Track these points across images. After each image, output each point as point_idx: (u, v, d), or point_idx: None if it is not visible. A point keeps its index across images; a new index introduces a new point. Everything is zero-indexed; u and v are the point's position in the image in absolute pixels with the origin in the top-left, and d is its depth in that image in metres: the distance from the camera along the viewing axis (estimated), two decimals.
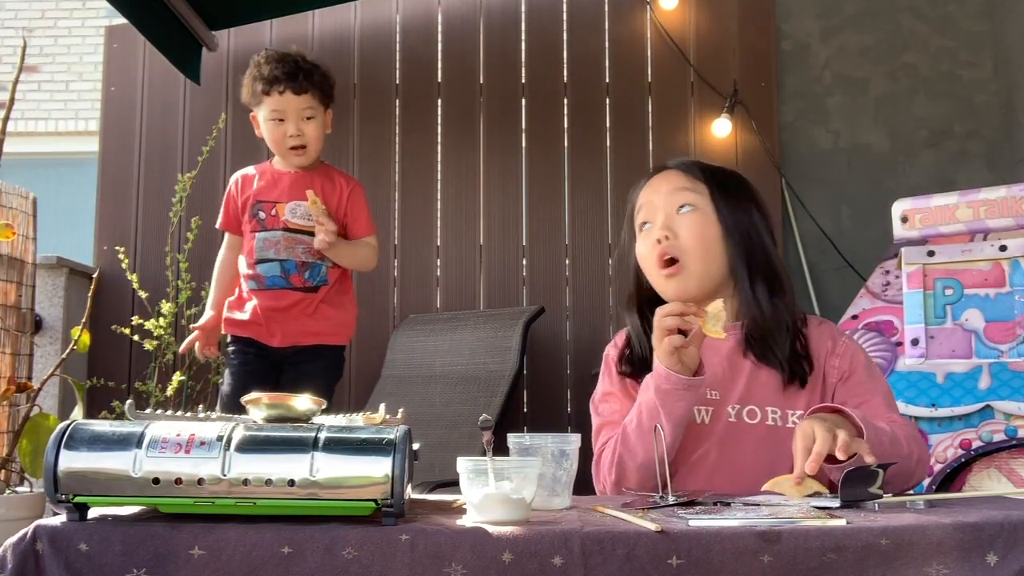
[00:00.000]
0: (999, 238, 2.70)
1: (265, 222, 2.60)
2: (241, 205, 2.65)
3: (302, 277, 2.58)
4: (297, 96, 2.55)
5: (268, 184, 2.65)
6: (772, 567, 1.08)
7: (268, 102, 2.56)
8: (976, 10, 3.98)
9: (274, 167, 2.68)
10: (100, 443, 1.15)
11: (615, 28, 3.98)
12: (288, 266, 2.58)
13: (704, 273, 1.68)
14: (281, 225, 2.58)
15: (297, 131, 2.57)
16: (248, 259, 2.62)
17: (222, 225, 2.71)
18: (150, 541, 1.09)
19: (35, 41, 6.90)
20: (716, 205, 1.69)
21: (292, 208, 2.59)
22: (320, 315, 2.62)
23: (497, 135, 3.96)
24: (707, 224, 1.68)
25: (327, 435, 1.16)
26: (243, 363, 2.64)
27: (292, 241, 2.58)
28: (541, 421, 3.73)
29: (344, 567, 1.08)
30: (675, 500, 1.33)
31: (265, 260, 2.58)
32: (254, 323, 2.61)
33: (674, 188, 1.71)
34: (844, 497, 1.27)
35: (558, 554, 1.08)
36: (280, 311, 2.59)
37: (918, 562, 1.09)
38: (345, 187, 2.66)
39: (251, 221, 2.62)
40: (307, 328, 2.61)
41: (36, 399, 2.70)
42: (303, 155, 2.61)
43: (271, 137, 2.60)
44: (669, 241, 1.66)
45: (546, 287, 3.85)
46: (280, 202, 2.60)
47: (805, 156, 3.89)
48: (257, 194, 2.63)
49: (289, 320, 2.59)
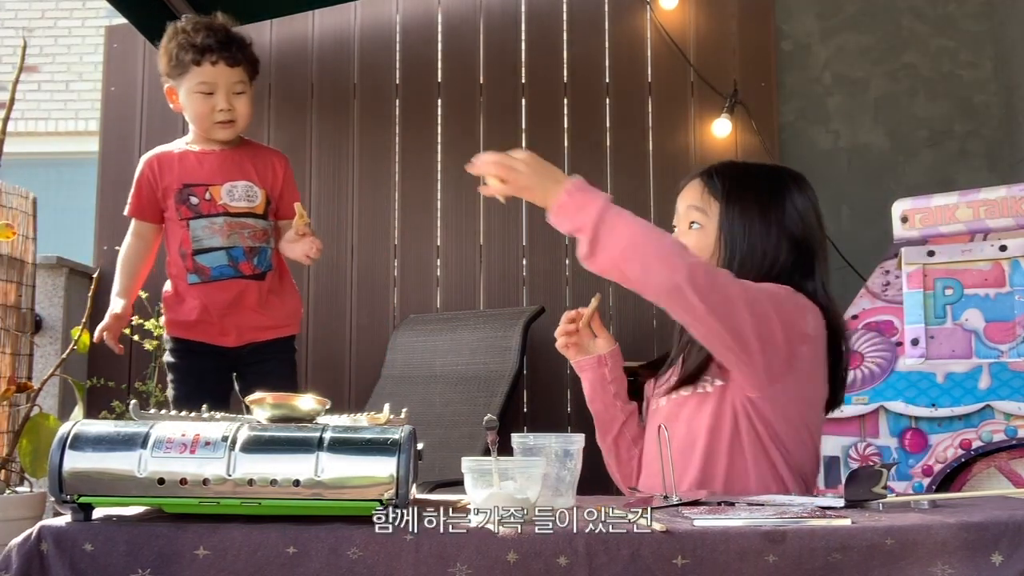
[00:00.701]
0: (999, 238, 2.70)
1: (199, 207, 2.37)
2: (163, 191, 2.41)
3: (251, 264, 2.39)
4: (230, 68, 2.36)
5: (193, 166, 2.42)
6: (777, 567, 1.08)
7: (196, 72, 2.34)
8: (976, 10, 3.98)
9: (192, 148, 2.45)
10: (105, 443, 1.15)
11: (615, 28, 3.98)
12: (235, 253, 2.38)
13: None
14: (220, 210, 2.37)
15: (228, 105, 2.36)
16: (182, 249, 2.38)
17: (132, 212, 2.45)
18: (155, 541, 1.09)
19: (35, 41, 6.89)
20: (722, 224, 1.71)
21: (229, 190, 2.39)
22: (271, 306, 2.45)
23: (497, 135, 3.95)
24: (706, 245, 1.71)
25: (332, 435, 1.16)
26: (191, 366, 2.44)
27: (236, 226, 2.38)
28: (541, 421, 3.73)
29: (349, 567, 1.08)
30: (680, 500, 1.33)
31: (208, 249, 2.36)
32: (203, 322, 2.39)
33: (689, 205, 1.76)
34: (849, 497, 1.27)
35: (563, 554, 1.08)
36: (231, 305, 2.39)
37: (923, 562, 1.09)
38: (279, 166, 2.49)
39: (180, 207, 2.38)
40: (261, 322, 2.43)
41: (36, 399, 2.70)
42: (230, 129, 2.40)
43: (196, 111, 2.38)
44: None
45: (546, 287, 3.85)
46: (213, 184, 2.39)
47: (805, 156, 3.90)
48: (182, 177, 2.40)
49: (242, 314, 2.40)
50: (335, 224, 3.91)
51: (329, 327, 3.87)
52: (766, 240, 1.68)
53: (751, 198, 1.72)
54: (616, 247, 1.44)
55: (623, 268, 1.46)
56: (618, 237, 1.44)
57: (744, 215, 1.70)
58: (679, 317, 1.52)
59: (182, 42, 2.36)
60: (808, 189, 1.78)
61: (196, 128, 2.44)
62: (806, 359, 1.60)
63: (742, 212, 1.70)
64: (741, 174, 1.77)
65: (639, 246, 1.44)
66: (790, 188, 1.75)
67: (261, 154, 2.51)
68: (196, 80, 2.36)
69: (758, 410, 1.59)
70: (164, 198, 2.41)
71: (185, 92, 2.38)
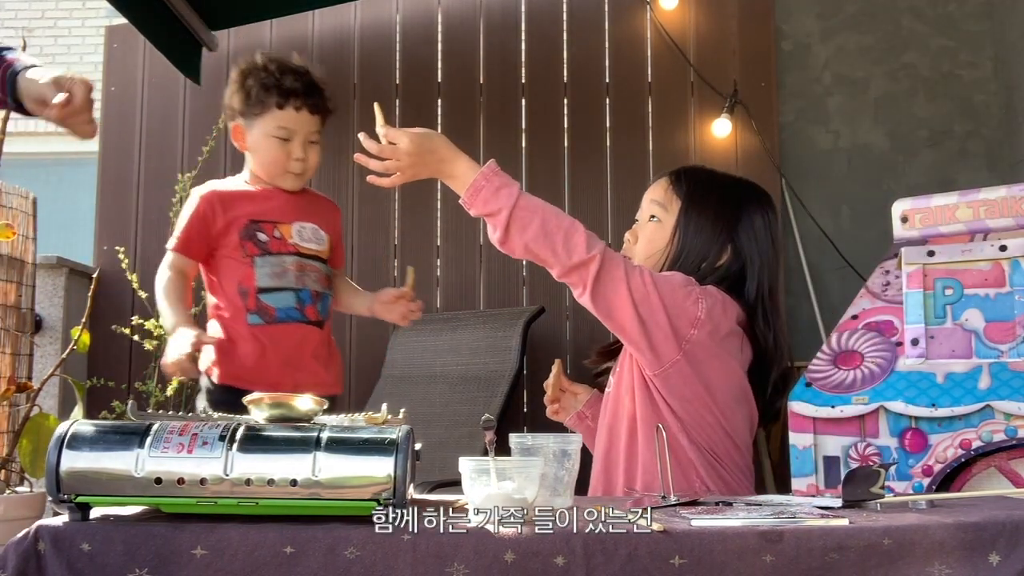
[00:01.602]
0: (999, 238, 2.70)
1: (268, 245, 2.20)
2: (224, 226, 2.20)
3: (316, 309, 2.23)
4: (311, 116, 2.23)
5: (260, 202, 2.25)
6: (774, 567, 1.08)
7: (276, 116, 2.19)
8: (976, 10, 3.98)
9: (252, 187, 2.28)
10: (102, 443, 1.15)
11: (615, 28, 3.98)
12: (303, 295, 2.21)
13: None
14: (291, 249, 2.21)
15: (303, 154, 2.22)
16: (242, 287, 2.17)
17: (179, 247, 2.18)
18: (152, 541, 1.09)
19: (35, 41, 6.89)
20: (679, 223, 1.89)
21: (299, 230, 2.24)
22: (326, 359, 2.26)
23: (497, 135, 3.95)
24: (660, 238, 1.91)
25: (329, 435, 1.16)
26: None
27: (306, 267, 2.22)
28: (541, 421, 3.70)
29: (346, 567, 1.08)
30: (677, 500, 1.33)
31: (274, 289, 2.18)
32: (260, 369, 2.13)
33: (652, 199, 1.95)
34: (846, 497, 1.27)
35: (560, 554, 1.08)
36: (294, 351, 2.18)
37: (920, 562, 1.09)
38: (336, 214, 2.38)
39: (245, 243, 2.19)
40: (318, 376, 2.19)
41: (36, 399, 2.70)
42: (300, 179, 2.26)
43: (270, 156, 2.22)
44: (630, 244, 1.96)
45: (546, 287, 3.85)
46: (282, 222, 2.23)
47: (805, 156, 3.89)
48: (249, 212, 2.21)
49: (303, 363, 2.19)
50: None
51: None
52: (711, 244, 1.87)
53: (710, 203, 1.90)
54: (529, 231, 1.65)
55: (534, 250, 1.69)
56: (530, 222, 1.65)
57: (699, 218, 1.88)
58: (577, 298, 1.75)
59: (265, 82, 2.19)
60: (769, 209, 1.96)
61: (262, 172, 2.27)
62: (700, 342, 1.74)
63: (698, 215, 1.89)
64: (706, 180, 1.95)
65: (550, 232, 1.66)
66: (750, 203, 1.92)
67: (319, 200, 2.38)
68: (275, 124, 2.19)
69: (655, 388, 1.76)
70: (224, 234, 2.19)
71: (260, 134, 2.22)
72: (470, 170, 1.69)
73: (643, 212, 1.97)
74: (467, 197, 1.65)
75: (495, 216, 1.63)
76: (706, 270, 1.86)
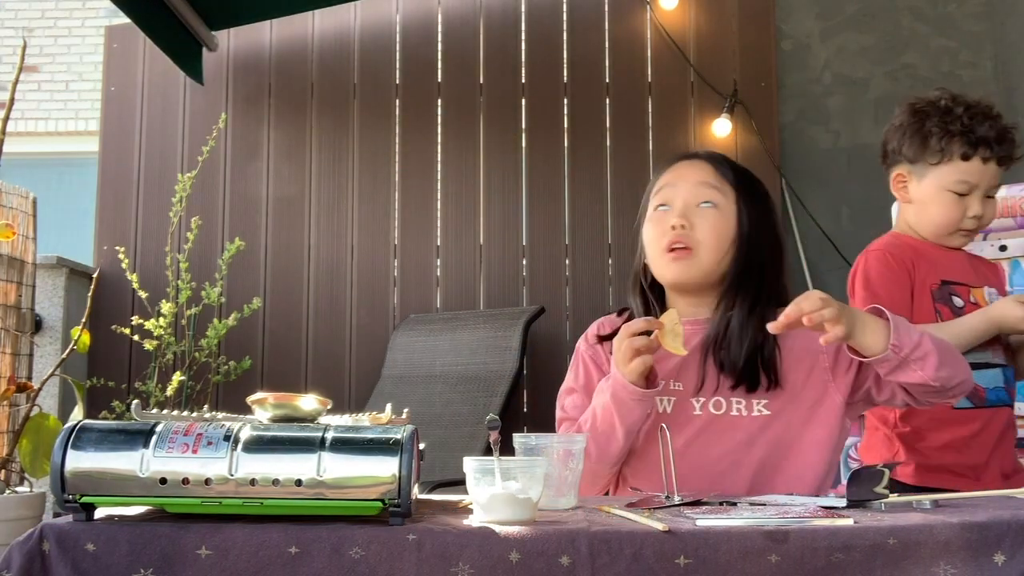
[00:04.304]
0: (999, 238, 2.70)
1: (963, 311, 1.93)
2: (917, 285, 1.95)
3: (1014, 390, 1.96)
4: (997, 168, 1.94)
5: (947, 261, 1.99)
6: (779, 567, 1.08)
7: (959, 168, 1.92)
8: (976, 10, 3.98)
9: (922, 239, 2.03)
10: (107, 443, 1.15)
11: (615, 28, 3.98)
12: (1009, 374, 1.94)
13: (710, 268, 1.67)
14: None
15: (981, 211, 1.94)
16: None
17: None
18: (157, 541, 1.09)
19: (35, 41, 6.89)
20: (738, 209, 1.69)
21: (989, 295, 1.98)
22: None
23: (497, 135, 3.95)
24: (726, 224, 1.68)
25: (334, 435, 1.16)
26: None
27: None
28: (541, 421, 3.72)
29: (351, 567, 1.08)
30: (681, 500, 1.33)
31: (983, 365, 1.89)
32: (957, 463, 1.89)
33: (700, 181, 1.70)
34: (851, 497, 1.27)
35: (565, 554, 1.08)
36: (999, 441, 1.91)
37: (926, 562, 1.09)
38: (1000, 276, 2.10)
39: (938, 306, 1.94)
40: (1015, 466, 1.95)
41: (36, 399, 2.70)
42: (968, 240, 2.00)
43: (945, 212, 1.95)
44: (684, 231, 1.65)
45: (546, 287, 3.85)
46: (975, 286, 1.98)
47: (805, 156, 3.90)
48: (942, 272, 1.97)
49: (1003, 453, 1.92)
50: (335, 224, 3.92)
51: (329, 327, 3.88)
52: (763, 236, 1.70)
53: (759, 193, 1.74)
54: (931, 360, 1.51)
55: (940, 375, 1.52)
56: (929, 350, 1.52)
57: (755, 207, 1.70)
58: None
59: (952, 128, 1.93)
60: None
61: (926, 228, 2.02)
62: None
63: (754, 203, 1.71)
64: (741, 168, 1.78)
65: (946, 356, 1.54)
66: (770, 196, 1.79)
67: (984, 261, 2.12)
68: (956, 177, 1.93)
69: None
70: (913, 295, 1.96)
71: (934, 186, 1.96)
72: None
73: (690, 196, 1.68)
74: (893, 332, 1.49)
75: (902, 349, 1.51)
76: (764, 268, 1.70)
